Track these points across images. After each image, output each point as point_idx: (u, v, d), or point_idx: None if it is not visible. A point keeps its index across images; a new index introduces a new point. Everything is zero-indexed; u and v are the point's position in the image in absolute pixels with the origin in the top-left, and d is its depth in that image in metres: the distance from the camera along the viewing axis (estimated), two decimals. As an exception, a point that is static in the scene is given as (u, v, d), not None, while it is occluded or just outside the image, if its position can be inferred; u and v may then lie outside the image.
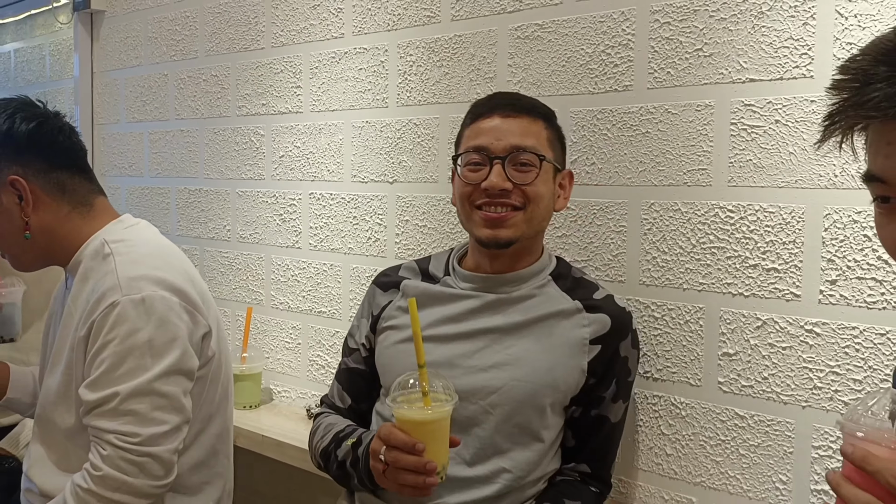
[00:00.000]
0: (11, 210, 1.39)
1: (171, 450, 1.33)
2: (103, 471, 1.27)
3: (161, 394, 1.31)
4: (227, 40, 2.31)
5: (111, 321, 1.30)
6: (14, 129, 1.39)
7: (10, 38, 3.15)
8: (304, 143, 2.14)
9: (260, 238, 2.27)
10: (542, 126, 1.35)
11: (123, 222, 1.49)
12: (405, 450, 1.14)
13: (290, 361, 2.21)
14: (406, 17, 1.90)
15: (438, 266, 1.46)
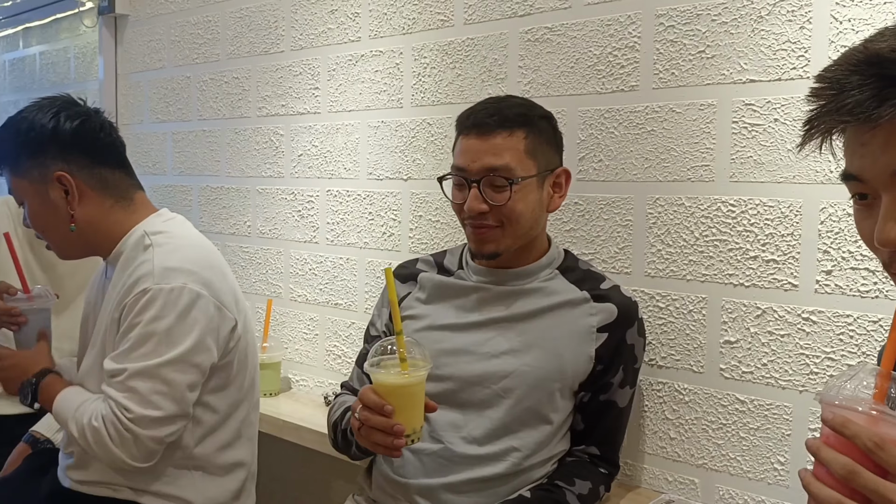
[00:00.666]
0: (58, 204, 1.47)
1: (155, 437, 1.38)
2: (98, 423, 1.37)
3: (164, 380, 1.38)
4: (248, 44, 2.40)
5: (140, 305, 1.39)
6: (59, 127, 1.46)
7: (35, 41, 3.25)
8: (322, 143, 2.22)
9: (279, 233, 2.35)
10: (520, 138, 1.36)
11: (162, 215, 1.57)
12: (375, 410, 1.19)
13: (308, 352, 2.29)
14: (420, 21, 1.98)
15: (453, 260, 1.53)
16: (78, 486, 1.54)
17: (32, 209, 1.50)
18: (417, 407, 1.21)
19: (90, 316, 1.63)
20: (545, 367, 1.38)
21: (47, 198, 1.48)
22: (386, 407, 1.17)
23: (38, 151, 1.46)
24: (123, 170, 1.56)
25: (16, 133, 1.47)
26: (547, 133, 1.41)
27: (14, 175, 1.49)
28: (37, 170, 1.47)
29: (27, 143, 1.46)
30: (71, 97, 1.54)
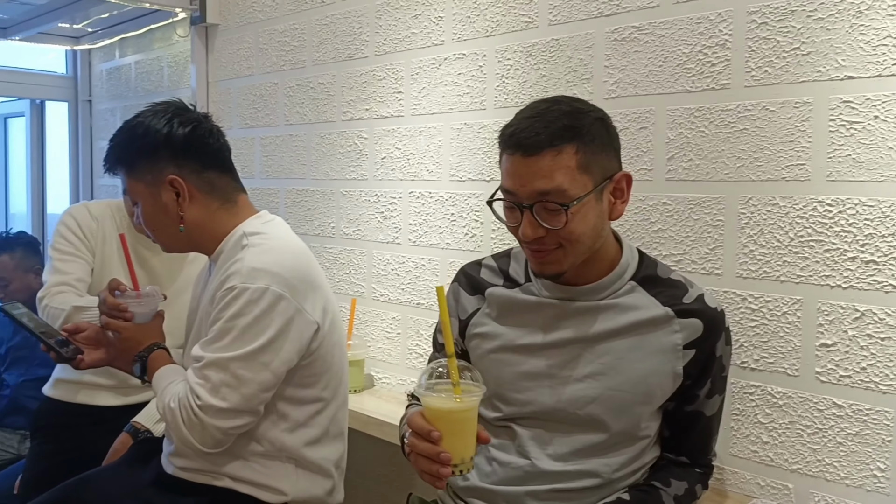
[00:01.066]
0: (169, 206, 1.55)
1: (220, 427, 1.44)
2: (174, 405, 1.46)
3: (233, 374, 1.43)
4: (333, 50, 2.46)
5: (226, 301, 1.46)
6: (173, 133, 1.52)
7: (131, 51, 3.41)
8: (405, 145, 2.26)
9: (362, 234, 2.41)
10: (570, 154, 1.23)
11: (261, 217, 1.63)
12: (422, 435, 1.13)
13: (391, 350, 2.33)
14: (504, 23, 2.00)
15: (518, 269, 1.43)
16: (180, 473, 1.61)
17: (145, 209, 1.58)
18: (468, 435, 1.14)
19: (194, 310, 1.70)
20: (630, 390, 1.31)
21: (159, 199, 1.55)
22: (433, 433, 1.11)
23: (153, 155, 1.53)
24: (229, 174, 1.62)
25: (132, 137, 1.54)
26: (600, 138, 1.27)
27: (130, 177, 1.57)
28: (150, 173, 1.54)
29: (143, 147, 1.53)
30: (183, 103, 1.61)
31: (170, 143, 1.52)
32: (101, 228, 2.15)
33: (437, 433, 1.11)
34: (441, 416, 1.12)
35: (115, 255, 2.14)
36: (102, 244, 2.15)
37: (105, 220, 2.17)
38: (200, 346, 1.48)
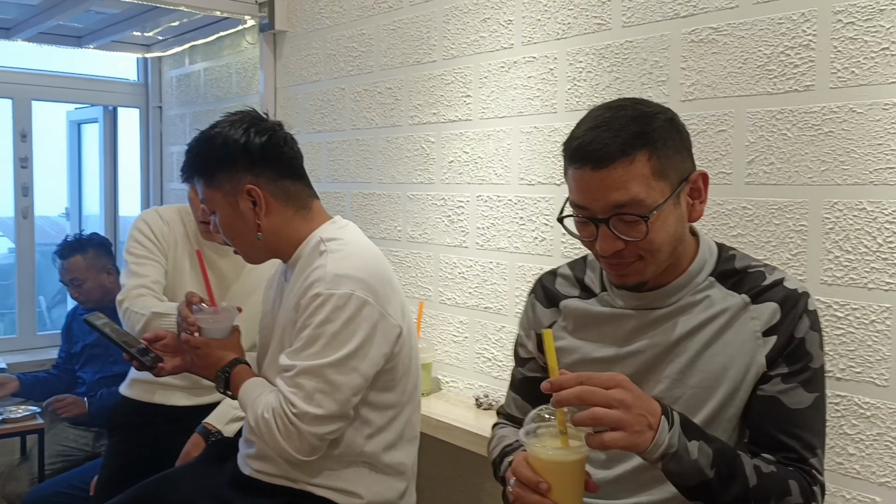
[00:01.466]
0: (247, 215, 1.57)
1: (316, 434, 1.45)
2: (269, 415, 1.47)
3: (327, 380, 1.45)
4: (401, 55, 2.48)
5: (312, 308, 1.48)
6: (250, 142, 1.55)
7: (200, 58, 3.49)
8: (473, 149, 2.26)
9: (429, 238, 2.42)
10: (643, 161, 1.17)
11: (336, 223, 1.65)
12: (529, 487, 1.10)
13: (458, 354, 2.34)
14: (576, 25, 1.98)
15: (594, 277, 1.38)
16: (257, 475, 1.64)
17: (223, 219, 1.60)
18: (577, 486, 1.10)
19: (268, 314, 1.73)
20: (714, 386, 1.24)
21: (237, 209, 1.57)
22: (541, 485, 1.08)
23: (231, 165, 1.55)
24: (303, 181, 1.65)
25: (210, 147, 1.57)
26: (672, 140, 1.20)
27: (208, 186, 1.59)
28: (229, 183, 1.56)
29: (221, 157, 1.56)
30: (257, 112, 1.64)
31: (247, 152, 1.55)
32: (172, 232, 2.20)
33: (546, 485, 1.07)
34: (549, 468, 1.08)
35: (186, 259, 2.19)
36: (174, 248, 2.20)
37: (175, 225, 2.22)
38: (289, 356, 1.49)
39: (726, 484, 1.12)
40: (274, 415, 1.46)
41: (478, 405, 2.20)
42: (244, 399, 1.56)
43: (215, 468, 1.81)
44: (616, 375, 1.08)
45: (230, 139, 1.55)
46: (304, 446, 1.46)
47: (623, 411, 1.05)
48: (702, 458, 1.10)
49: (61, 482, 2.82)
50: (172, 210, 2.27)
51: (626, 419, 1.05)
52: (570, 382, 1.07)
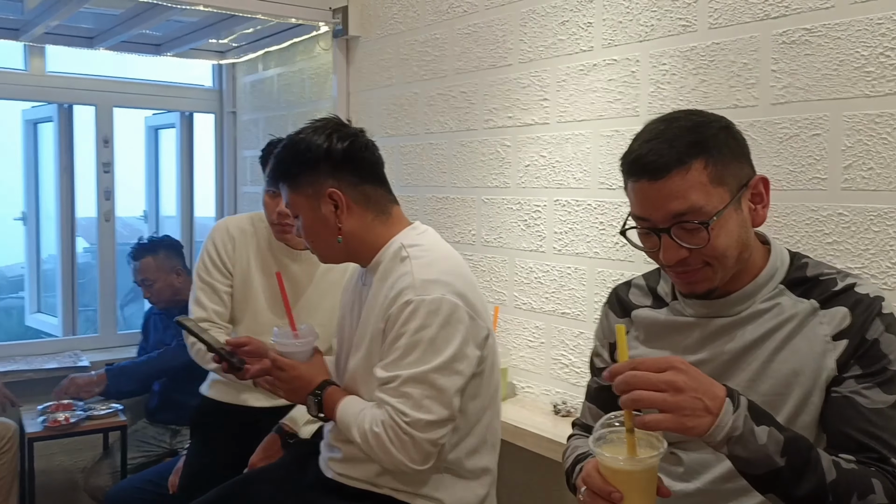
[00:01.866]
0: (328, 218, 1.60)
1: (430, 440, 1.47)
2: (378, 429, 1.47)
3: (434, 385, 1.47)
4: (476, 59, 2.48)
5: (404, 316, 1.49)
6: (332, 147, 1.58)
7: (273, 65, 3.55)
8: (550, 153, 2.25)
9: (504, 242, 2.41)
10: (699, 169, 1.18)
11: (416, 228, 1.66)
12: (601, 496, 1.08)
13: (534, 359, 2.32)
14: (659, 27, 1.95)
15: (666, 287, 1.38)
16: (340, 478, 1.66)
17: (305, 222, 1.64)
18: (649, 493, 1.08)
19: (346, 317, 1.75)
20: (785, 392, 1.22)
21: (319, 212, 1.60)
22: (613, 494, 1.06)
23: (314, 169, 1.58)
24: (383, 186, 1.66)
25: (295, 153, 1.61)
26: (729, 146, 1.21)
27: (292, 191, 1.62)
28: (311, 187, 1.59)
29: (304, 162, 1.59)
30: (339, 119, 1.66)
31: (329, 157, 1.58)
32: (239, 245, 2.24)
33: (619, 495, 1.06)
34: (619, 477, 1.07)
35: (258, 269, 2.23)
36: (244, 261, 2.23)
37: (245, 236, 2.25)
38: (387, 367, 1.50)
39: (799, 475, 1.08)
40: (384, 427, 1.47)
41: (556, 412, 2.19)
42: (344, 419, 1.57)
43: (298, 470, 1.84)
44: (671, 358, 1.07)
45: (313, 144, 1.59)
46: (419, 454, 1.47)
47: (671, 394, 1.04)
48: (771, 444, 1.07)
49: (141, 479, 2.91)
50: (244, 219, 2.31)
51: (672, 402, 1.04)
52: (624, 368, 1.06)
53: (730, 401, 1.06)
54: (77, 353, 3.50)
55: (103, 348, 3.61)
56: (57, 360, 3.38)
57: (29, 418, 3.01)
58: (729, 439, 1.06)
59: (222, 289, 2.23)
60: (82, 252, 4.48)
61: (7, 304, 8.40)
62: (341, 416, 1.57)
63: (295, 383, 1.65)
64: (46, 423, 2.94)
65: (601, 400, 1.44)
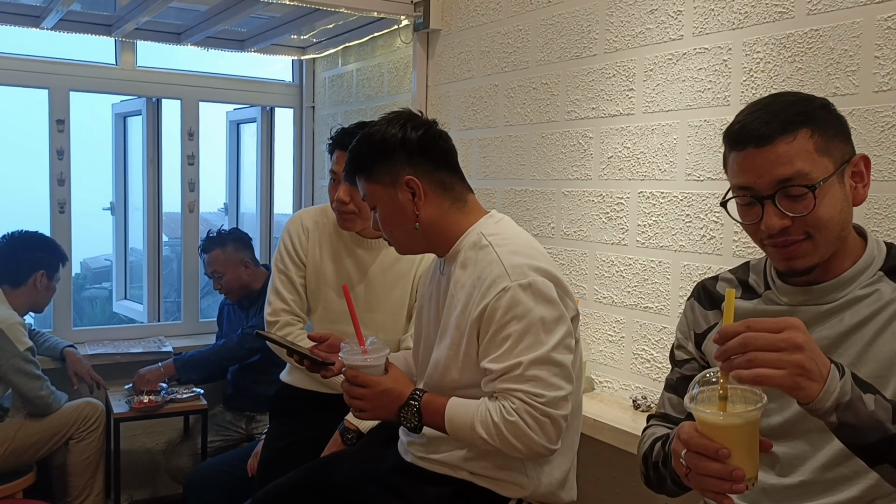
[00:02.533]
0: (406, 205, 1.61)
1: (564, 415, 1.48)
2: (514, 417, 1.46)
3: (557, 363, 1.48)
4: (559, 49, 2.46)
5: (505, 304, 1.49)
6: (407, 136, 1.60)
7: (352, 59, 3.60)
8: (635, 144, 2.21)
9: (584, 235, 2.38)
10: (805, 137, 1.19)
11: (493, 217, 1.66)
12: (707, 455, 1.06)
13: (613, 354, 2.29)
14: (754, 14, 1.90)
15: (758, 278, 1.36)
16: (420, 462, 1.67)
17: (383, 211, 1.65)
18: (753, 448, 1.07)
19: (425, 308, 1.75)
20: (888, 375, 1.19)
21: (396, 200, 1.61)
22: (720, 451, 1.04)
23: (390, 158, 1.60)
24: (457, 174, 1.67)
25: (371, 144, 1.62)
26: (833, 123, 1.23)
27: (368, 181, 1.64)
28: (388, 175, 1.61)
29: (380, 152, 1.61)
30: (411, 111, 1.68)
31: (404, 145, 1.59)
32: (312, 236, 2.28)
33: (726, 451, 1.04)
34: (724, 433, 1.05)
35: (330, 259, 2.26)
36: (316, 251, 2.27)
37: (318, 227, 2.29)
38: (501, 358, 1.49)
39: None
40: (520, 414, 1.46)
41: (635, 406, 2.15)
42: (457, 419, 1.54)
43: (377, 454, 1.85)
44: (788, 318, 1.04)
45: (388, 134, 1.60)
46: (556, 433, 1.48)
47: (789, 352, 1.01)
48: (880, 410, 1.04)
49: (221, 461, 2.99)
50: (318, 210, 2.35)
51: (788, 360, 1.01)
52: (738, 329, 1.03)
53: (835, 367, 1.05)
54: (161, 338, 3.62)
55: (186, 335, 3.73)
56: (142, 345, 3.51)
57: (115, 399, 3.13)
58: (837, 406, 1.03)
59: (297, 279, 2.28)
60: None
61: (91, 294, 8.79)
62: (452, 418, 1.54)
63: (383, 398, 1.60)
64: (132, 404, 3.05)
65: (684, 389, 1.36)
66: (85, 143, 3.70)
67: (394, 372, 1.65)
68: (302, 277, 2.29)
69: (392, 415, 1.62)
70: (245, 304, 3.36)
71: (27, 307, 3.08)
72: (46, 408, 2.94)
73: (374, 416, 1.67)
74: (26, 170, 18.50)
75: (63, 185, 3.47)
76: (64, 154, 3.46)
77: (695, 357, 1.41)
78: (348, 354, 1.62)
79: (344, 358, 1.62)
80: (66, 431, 3.00)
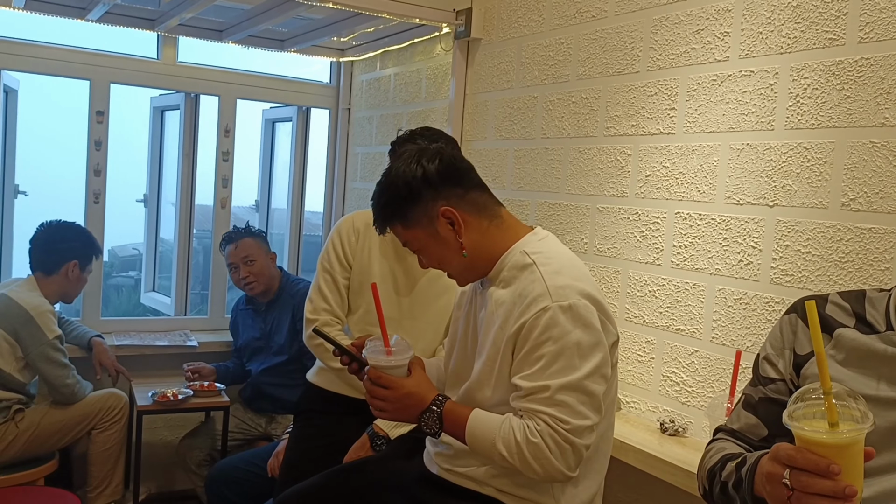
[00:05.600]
0: (448, 238, 1.60)
1: (586, 445, 1.46)
2: (537, 439, 1.44)
3: (587, 391, 1.45)
4: (601, 65, 2.44)
5: (543, 324, 1.47)
6: (427, 172, 1.57)
7: (391, 64, 3.61)
8: (674, 164, 2.19)
9: (618, 252, 2.36)
10: None
11: (537, 234, 1.65)
12: (817, 472, 1.01)
13: (642, 374, 2.26)
14: (803, 39, 1.87)
15: (877, 315, 1.26)
16: (445, 475, 1.66)
17: (430, 252, 1.63)
18: (860, 465, 1.03)
19: (461, 320, 1.74)
20: None
21: (438, 236, 1.60)
22: (833, 466, 0.99)
23: (419, 198, 1.58)
24: (484, 190, 1.66)
25: (395, 191, 1.60)
26: None
27: (405, 227, 1.62)
28: (424, 215, 1.59)
29: (408, 197, 1.59)
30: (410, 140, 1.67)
31: (427, 181, 1.58)
32: (362, 238, 2.28)
33: (837, 466, 1.00)
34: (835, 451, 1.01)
35: (377, 260, 2.26)
36: (365, 253, 2.27)
37: (370, 230, 2.26)
38: (532, 377, 1.47)
39: None
40: (543, 437, 1.44)
41: (662, 430, 2.12)
42: (480, 432, 1.52)
43: (402, 463, 1.84)
44: None
45: (408, 176, 1.58)
46: (576, 461, 1.46)
47: None
48: None
49: (242, 459, 2.99)
50: (370, 215, 2.34)
51: None
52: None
53: None
54: (187, 332, 3.65)
55: (212, 330, 3.75)
56: (168, 338, 3.53)
57: (139, 391, 3.15)
58: None
59: (341, 281, 2.29)
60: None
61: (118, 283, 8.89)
62: (473, 429, 1.53)
63: (406, 401, 1.57)
64: (156, 397, 3.07)
65: (763, 411, 1.33)
66: (122, 136, 3.75)
67: (417, 374, 1.62)
68: (346, 279, 2.29)
69: (413, 418, 1.60)
70: (262, 306, 3.34)
71: (58, 296, 3.11)
72: (72, 396, 2.97)
73: (394, 417, 1.64)
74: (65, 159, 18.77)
75: (99, 176, 3.51)
76: (101, 145, 3.50)
77: (784, 378, 1.32)
78: (372, 353, 1.60)
79: (367, 356, 1.61)
80: (89, 421, 3.02)
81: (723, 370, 2.04)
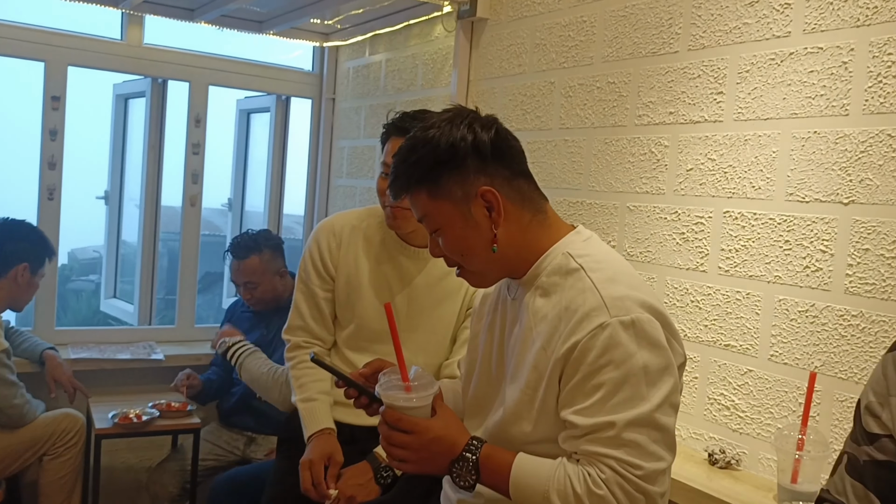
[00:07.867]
0: (481, 224, 1.29)
1: (661, 493, 1.18)
2: (602, 491, 1.14)
3: (659, 426, 1.17)
4: (631, 45, 2.16)
5: (601, 344, 1.18)
6: (478, 139, 1.27)
7: (382, 49, 3.29)
8: (722, 156, 1.91)
9: (653, 257, 2.08)
10: None
11: (581, 234, 1.35)
12: None
13: (684, 396, 1.97)
14: (885, 9, 1.61)
15: None
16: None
17: (452, 234, 1.32)
18: None
19: (482, 335, 1.45)
20: None
21: (470, 218, 1.29)
22: None
23: (460, 167, 1.27)
24: (533, 180, 1.36)
25: (434, 150, 1.28)
26: None
27: (433, 197, 1.30)
28: (460, 188, 1.28)
29: (448, 161, 1.27)
30: (464, 107, 1.36)
31: (477, 150, 1.27)
32: (345, 244, 1.99)
33: None
34: None
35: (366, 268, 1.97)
36: (352, 258, 1.98)
37: (354, 233, 2.00)
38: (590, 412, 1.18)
39: None
40: (609, 486, 1.14)
41: (711, 462, 1.85)
42: (525, 482, 1.22)
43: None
44: None
45: (455, 138, 1.27)
46: None
47: None
48: None
49: (248, 474, 2.71)
50: (354, 214, 2.04)
51: None
52: None
53: None
54: (152, 344, 3.28)
55: (179, 341, 3.38)
56: (130, 351, 3.17)
57: (98, 411, 2.79)
58: None
59: (321, 294, 1.99)
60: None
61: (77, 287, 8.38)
62: (519, 480, 1.22)
63: (433, 448, 1.26)
64: (117, 418, 2.71)
65: (872, 479, 1.05)
66: (81, 125, 3.38)
67: (444, 413, 1.30)
68: (328, 291, 1.99)
69: (443, 469, 1.28)
70: (266, 316, 3.01)
71: (5, 303, 2.75)
72: (20, 418, 2.62)
73: (420, 469, 1.30)
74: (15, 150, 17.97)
75: (54, 170, 3.14)
76: (57, 135, 3.14)
77: (891, 433, 1.04)
78: (387, 389, 1.27)
79: (382, 395, 1.27)
80: (40, 446, 2.67)
81: (784, 393, 1.76)
